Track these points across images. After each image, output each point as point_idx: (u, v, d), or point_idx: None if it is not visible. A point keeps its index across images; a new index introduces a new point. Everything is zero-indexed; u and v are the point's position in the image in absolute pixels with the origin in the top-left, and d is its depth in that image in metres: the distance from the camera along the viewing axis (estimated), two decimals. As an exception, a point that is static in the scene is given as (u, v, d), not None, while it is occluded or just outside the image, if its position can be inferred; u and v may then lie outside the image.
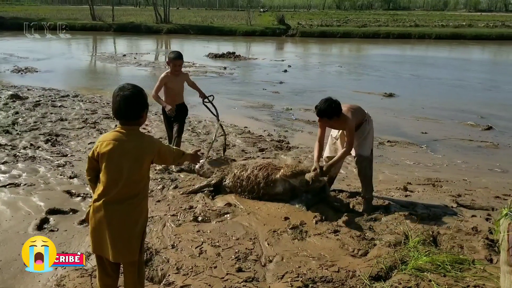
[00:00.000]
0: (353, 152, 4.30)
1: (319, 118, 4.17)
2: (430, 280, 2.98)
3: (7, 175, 5.09)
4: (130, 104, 2.30)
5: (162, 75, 5.43)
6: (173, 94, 5.49)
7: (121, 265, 2.51)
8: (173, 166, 5.34)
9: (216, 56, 20.32)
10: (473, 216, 4.23)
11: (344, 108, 4.15)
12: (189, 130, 7.51)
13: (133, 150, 2.31)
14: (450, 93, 12.38)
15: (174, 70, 5.37)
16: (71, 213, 4.18)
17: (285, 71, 16.15)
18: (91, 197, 4.33)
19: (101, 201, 2.30)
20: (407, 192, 4.97)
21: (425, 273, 3.07)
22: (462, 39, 34.34)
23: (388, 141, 7.35)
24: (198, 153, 2.79)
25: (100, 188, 2.32)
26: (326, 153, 4.64)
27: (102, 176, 2.32)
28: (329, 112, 4.00)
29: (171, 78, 5.40)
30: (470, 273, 3.09)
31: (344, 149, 4.18)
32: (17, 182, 4.89)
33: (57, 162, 5.61)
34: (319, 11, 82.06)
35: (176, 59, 5.33)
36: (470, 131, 8.19)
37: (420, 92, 12.56)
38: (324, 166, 4.27)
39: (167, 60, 5.53)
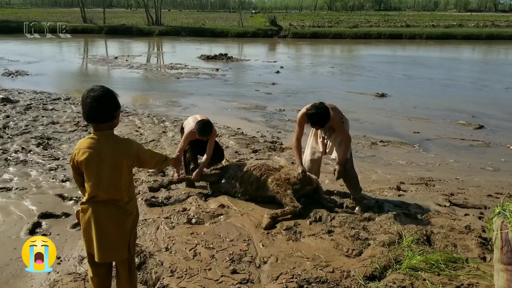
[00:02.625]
0: (333, 156, 4.39)
1: (312, 125, 4.17)
2: (424, 279, 2.99)
3: (-2, 179, 5.04)
4: (101, 104, 2.23)
5: (188, 133, 4.77)
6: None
7: (114, 267, 2.49)
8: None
9: (208, 58, 20.34)
10: (466, 214, 4.25)
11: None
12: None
13: (110, 157, 2.26)
14: (441, 93, 12.48)
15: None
16: (63, 217, 4.13)
17: (278, 72, 16.18)
18: (83, 200, 4.31)
19: (88, 203, 2.30)
20: (400, 191, 4.99)
21: (419, 272, 3.08)
22: (453, 39, 34.71)
23: (380, 141, 7.38)
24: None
25: (86, 191, 2.31)
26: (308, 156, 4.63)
27: (85, 182, 2.31)
28: (326, 117, 4.04)
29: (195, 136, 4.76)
30: (464, 272, 3.10)
31: (344, 143, 4.21)
32: (8, 186, 4.83)
33: (49, 165, 5.55)
34: (310, 12, 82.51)
35: (201, 134, 4.64)
36: (461, 130, 8.25)
37: (412, 92, 12.65)
38: (336, 170, 4.21)
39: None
